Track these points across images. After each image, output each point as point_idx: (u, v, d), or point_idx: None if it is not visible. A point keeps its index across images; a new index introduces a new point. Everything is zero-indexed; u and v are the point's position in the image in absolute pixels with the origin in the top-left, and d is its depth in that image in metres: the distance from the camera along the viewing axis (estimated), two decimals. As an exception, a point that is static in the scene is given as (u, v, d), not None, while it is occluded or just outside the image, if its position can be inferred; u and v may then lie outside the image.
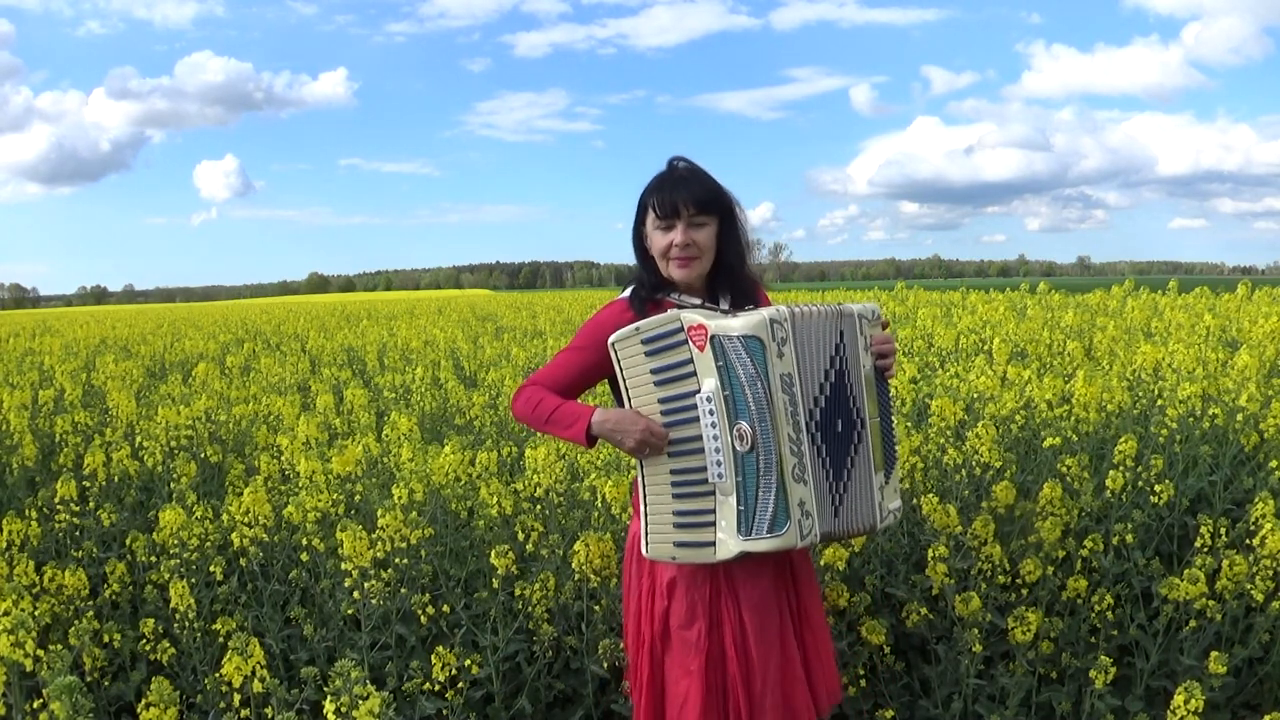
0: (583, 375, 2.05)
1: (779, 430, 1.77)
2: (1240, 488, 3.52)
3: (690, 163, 2.03)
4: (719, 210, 1.99)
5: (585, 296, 29.04)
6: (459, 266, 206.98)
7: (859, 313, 1.91)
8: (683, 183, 1.97)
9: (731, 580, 1.97)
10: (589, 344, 2.02)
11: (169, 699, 1.61)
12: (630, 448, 1.88)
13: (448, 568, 3.02)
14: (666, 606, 2.00)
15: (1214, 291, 10.15)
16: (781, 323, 1.77)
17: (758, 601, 1.97)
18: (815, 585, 2.15)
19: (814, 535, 1.83)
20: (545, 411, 1.98)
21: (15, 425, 4.18)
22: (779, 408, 1.77)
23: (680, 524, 1.87)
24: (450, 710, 2.49)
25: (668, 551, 1.90)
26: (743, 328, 1.76)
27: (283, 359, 7.62)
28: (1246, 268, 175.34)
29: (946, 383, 4.47)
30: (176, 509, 2.94)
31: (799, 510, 1.79)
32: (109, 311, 40.05)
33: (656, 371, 1.85)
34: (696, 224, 1.96)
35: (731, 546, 1.82)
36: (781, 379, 1.77)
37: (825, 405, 1.84)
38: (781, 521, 1.78)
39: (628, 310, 2.01)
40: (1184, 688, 1.97)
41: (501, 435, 4.69)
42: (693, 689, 1.95)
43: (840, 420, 1.87)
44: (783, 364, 1.78)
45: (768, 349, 1.76)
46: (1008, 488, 2.98)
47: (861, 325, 1.91)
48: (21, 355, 9.56)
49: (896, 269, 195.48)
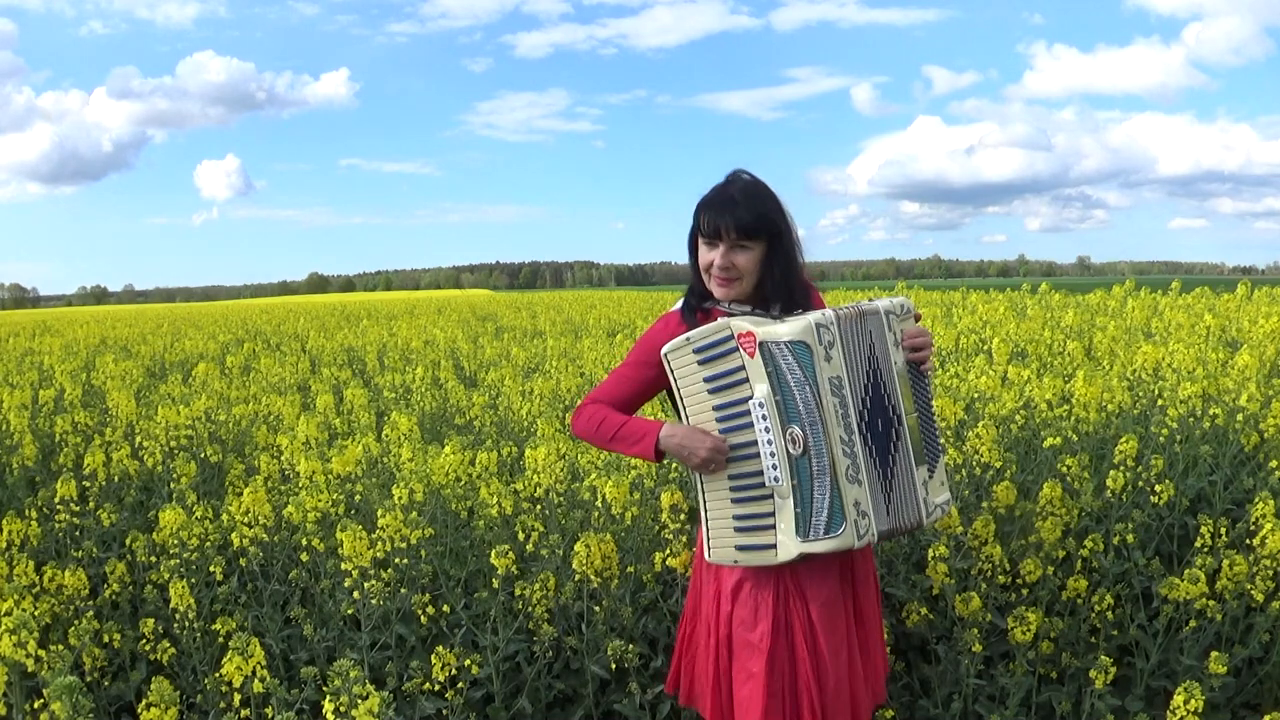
0: (641, 390, 2.07)
1: (830, 433, 1.80)
2: (1240, 488, 3.52)
3: (749, 179, 1.99)
4: (766, 234, 1.95)
5: (585, 296, 29.05)
6: (459, 266, 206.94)
7: (885, 309, 1.91)
8: (730, 205, 1.94)
9: (799, 581, 1.98)
10: (644, 359, 2.04)
11: (169, 699, 1.61)
12: (697, 464, 1.91)
13: (448, 568, 3.02)
14: (730, 610, 2.01)
15: (1214, 291, 10.15)
16: (828, 326, 1.80)
17: (826, 599, 1.98)
18: (874, 584, 2.14)
19: (871, 534, 1.85)
20: (610, 430, 2.00)
21: (15, 425, 4.18)
22: (829, 410, 1.80)
23: (741, 528, 1.90)
24: (450, 710, 2.49)
25: (730, 556, 1.93)
26: (789, 333, 1.79)
27: (283, 359, 7.62)
28: (1246, 268, 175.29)
29: (946, 383, 4.47)
30: (176, 509, 2.94)
31: (854, 510, 1.82)
32: (109, 311, 40.04)
33: (710, 380, 1.88)
34: (740, 247, 1.94)
35: (792, 548, 1.84)
36: (830, 382, 1.80)
37: (870, 405, 1.86)
38: (838, 522, 1.82)
39: (680, 322, 2.03)
40: (1184, 688, 1.97)
41: (501, 435, 4.69)
42: (755, 693, 1.96)
43: (880, 419, 1.88)
44: (830, 367, 1.80)
45: (814, 353, 1.79)
46: (1008, 488, 2.98)
47: (890, 321, 1.90)
48: (21, 355, 9.57)
49: (896, 269, 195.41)
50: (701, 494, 1.96)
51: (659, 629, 2.91)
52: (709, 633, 2.07)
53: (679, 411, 1.95)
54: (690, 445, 1.89)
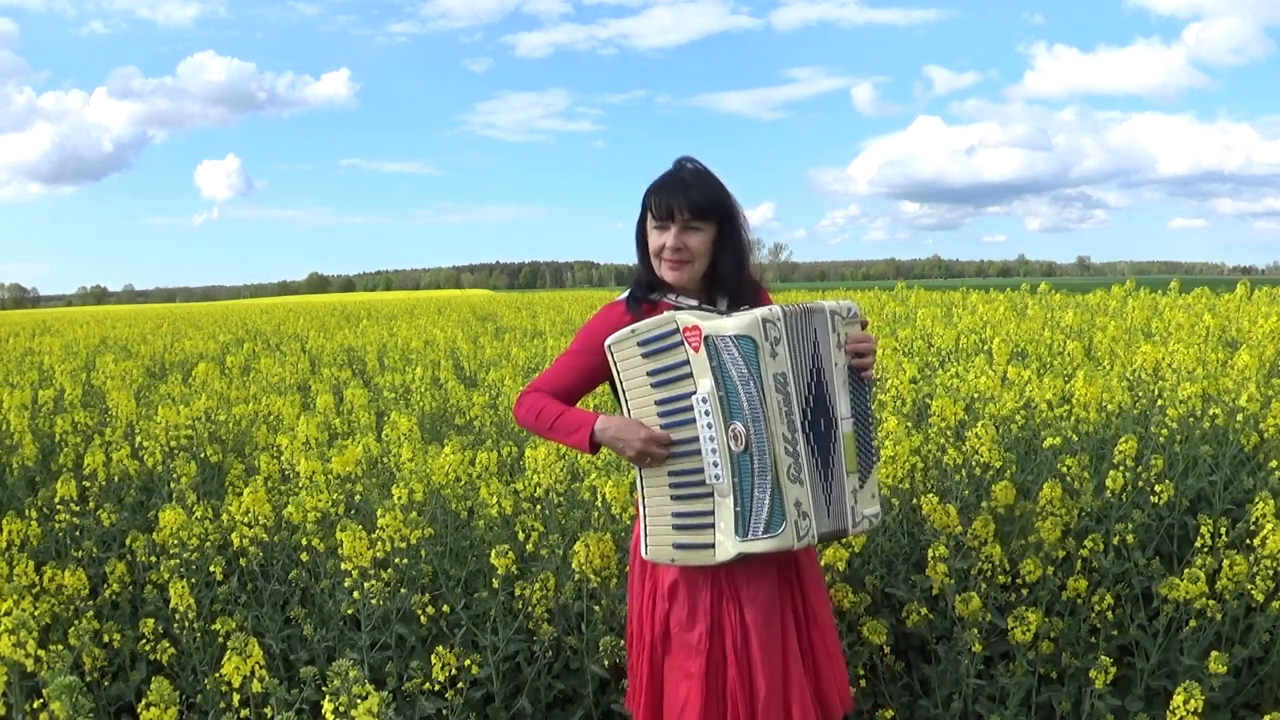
0: (582, 379, 2.05)
1: (774, 430, 1.77)
2: (1240, 488, 3.52)
3: (697, 165, 2.00)
4: (717, 216, 1.96)
5: (585, 296, 29.03)
6: (459, 266, 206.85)
7: (830, 309, 1.87)
8: (682, 186, 1.95)
9: (734, 582, 1.95)
10: (587, 348, 2.01)
11: (169, 699, 1.61)
12: (631, 456, 1.88)
13: (448, 568, 3.02)
14: (668, 610, 1.99)
15: (1214, 291, 10.14)
16: (774, 322, 1.77)
17: (761, 603, 1.95)
18: (823, 587, 2.12)
19: (811, 536, 1.82)
20: (548, 419, 1.98)
21: (15, 425, 4.18)
22: (773, 407, 1.77)
23: (679, 525, 1.87)
24: (450, 710, 2.49)
25: (667, 554, 1.89)
26: (735, 328, 1.76)
27: (283, 359, 7.62)
28: (1246, 268, 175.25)
29: (946, 383, 4.47)
30: (176, 509, 2.94)
31: (795, 510, 1.79)
32: (109, 311, 40.03)
33: (653, 374, 1.85)
34: (691, 228, 1.94)
35: (730, 548, 1.81)
36: (775, 378, 1.77)
37: (813, 404, 1.83)
38: (777, 522, 1.78)
39: (625, 313, 2.00)
40: (1184, 688, 1.97)
41: (501, 435, 4.69)
42: (693, 692, 1.94)
43: (823, 419, 1.85)
44: (776, 363, 1.77)
45: (760, 349, 1.76)
46: (1008, 488, 2.98)
47: (834, 322, 1.87)
48: (21, 355, 9.56)
49: (897, 269, 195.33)
50: (641, 490, 1.92)
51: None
52: (640, 632, 2.05)
53: (621, 404, 1.92)
54: (624, 437, 1.87)
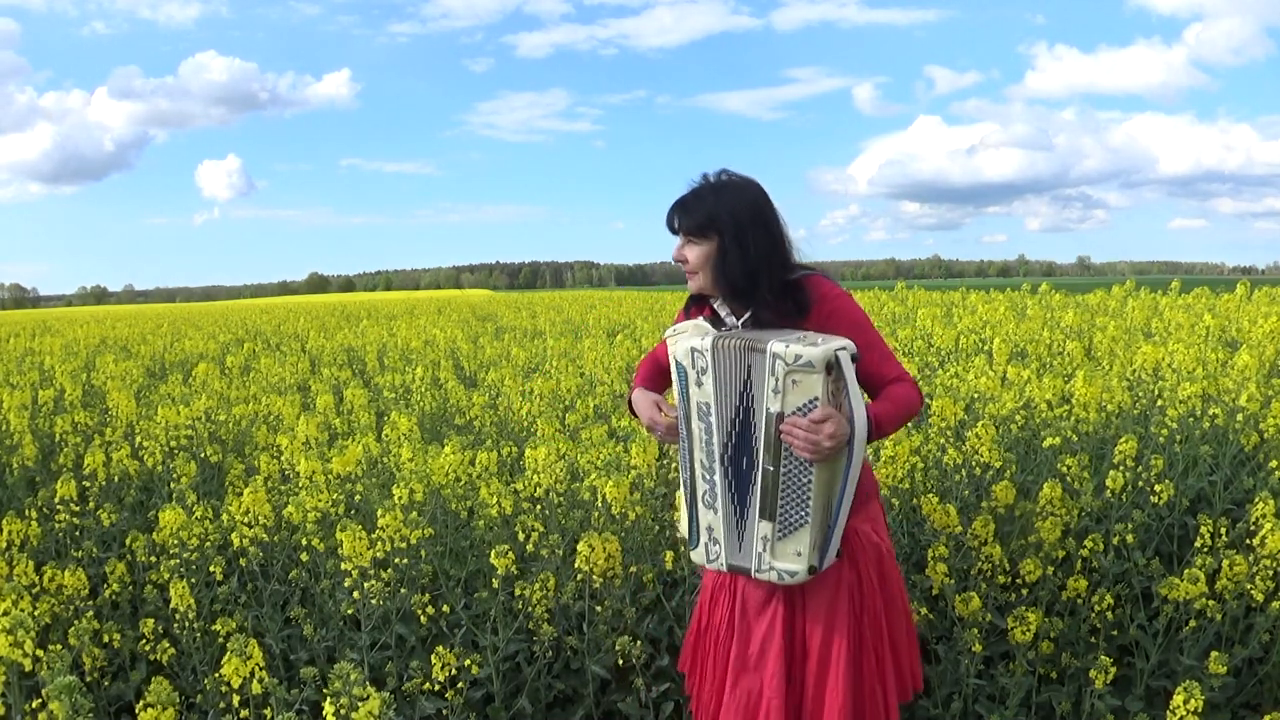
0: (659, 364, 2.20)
1: (694, 455, 1.90)
2: (1240, 488, 3.52)
3: (717, 179, 1.97)
4: (716, 232, 1.94)
5: (585, 296, 29.04)
6: (459, 266, 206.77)
7: (775, 352, 1.75)
8: (680, 203, 1.98)
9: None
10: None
11: (168, 699, 1.61)
12: (645, 426, 2.06)
13: (448, 568, 3.02)
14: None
15: (1214, 291, 10.14)
16: (703, 353, 1.84)
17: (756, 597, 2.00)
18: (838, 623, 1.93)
19: (720, 563, 1.93)
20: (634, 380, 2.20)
21: (15, 425, 4.18)
22: (695, 433, 1.89)
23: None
24: (450, 710, 2.49)
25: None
26: (677, 353, 1.89)
27: (283, 359, 7.62)
28: (1246, 268, 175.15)
29: (946, 383, 4.47)
30: (176, 509, 2.94)
31: (706, 534, 1.92)
32: (109, 311, 40.03)
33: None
34: (691, 242, 1.97)
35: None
36: (699, 407, 1.87)
37: (736, 441, 1.86)
38: (694, 539, 1.95)
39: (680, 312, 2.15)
40: (1184, 688, 1.97)
41: (501, 435, 4.69)
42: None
43: (745, 459, 1.86)
44: (700, 393, 1.86)
45: (688, 376, 1.86)
46: (1008, 488, 2.98)
47: (774, 365, 1.75)
48: (21, 355, 9.57)
49: (897, 269, 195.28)
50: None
51: (660, 629, 2.91)
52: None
53: None
54: (638, 409, 2.08)
